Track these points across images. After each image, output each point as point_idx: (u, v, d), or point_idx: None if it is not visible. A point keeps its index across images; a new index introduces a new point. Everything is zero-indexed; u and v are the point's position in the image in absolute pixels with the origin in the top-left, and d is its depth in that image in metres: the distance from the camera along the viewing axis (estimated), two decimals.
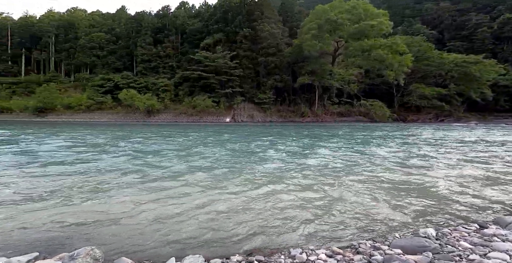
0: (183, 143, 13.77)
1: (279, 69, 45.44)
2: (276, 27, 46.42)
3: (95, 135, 17.84)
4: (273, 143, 13.51)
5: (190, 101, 43.28)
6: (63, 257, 2.47)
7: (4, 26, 60.64)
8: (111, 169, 7.22)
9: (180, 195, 4.88)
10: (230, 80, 43.79)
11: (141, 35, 52.10)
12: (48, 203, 4.52)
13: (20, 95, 50.61)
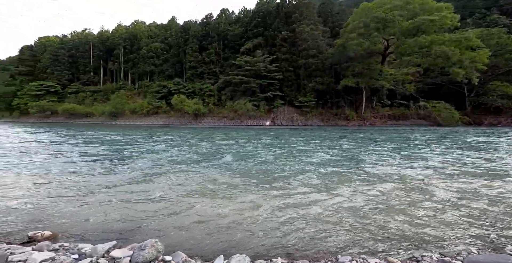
0: (259, 145, 13.59)
1: (320, 71, 40.58)
2: (316, 28, 41.21)
3: (180, 137, 18.27)
4: (371, 148, 12.37)
5: (232, 105, 42.72)
6: (134, 247, 2.62)
7: (87, 41, 66.84)
8: (221, 173, 6.94)
9: (233, 195, 4.79)
10: (270, 84, 41.37)
11: (188, 43, 52.10)
12: (127, 196, 4.85)
13: (99, 101, 55.87)
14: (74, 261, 2.53)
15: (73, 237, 3.35)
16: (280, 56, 42.78)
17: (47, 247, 2.84)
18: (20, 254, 2.64)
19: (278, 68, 41.43)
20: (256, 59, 41.39)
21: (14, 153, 10.84)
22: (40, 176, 6.68)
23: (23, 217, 4.01)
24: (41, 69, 65.88)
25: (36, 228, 3.55)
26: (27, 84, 62.33)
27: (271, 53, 43.18)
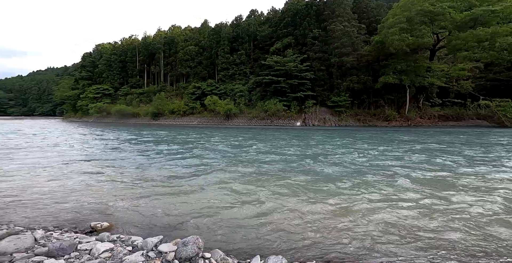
0: (298, 146, 13.09)
1: (356, 70, 36.39)
2: (350, 25, 36.78)
3: (230, 137, 18.11)
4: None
5: (262, 105, 41.51)
6: (178, 242, 2.61)
7: (133, 47, 69.33)
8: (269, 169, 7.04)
9: (273, 197, 4.62)
10: (301, 84, 38.33)
11: (220, 45, 51.08)
12: (175, 192, 5.01)
13: (144, 103, 58.27)
14: (128, 253, 2.58)
15: (125, 229, 3.46)
16: (311, 55, 39.43)
17: (107, 238, 2.94)
18: (86, 243, 2.73)
19: (310, 68, 38.22)
20: (287, 59, 38.79)
21: (79, 146, 12.05)
22: (100, 168, 7.35)
23: (84, 207, 4.28)
24: (98, 74, 70.66)
25: (95, 219, 3.75)
26: (87, 87, 67.63)
27: (302, 53, 40.03)
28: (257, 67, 45.24)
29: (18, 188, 5.25)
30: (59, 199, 4.64)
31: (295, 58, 38.94)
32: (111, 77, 68.44)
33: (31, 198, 4.67)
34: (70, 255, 2.49)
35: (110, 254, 2.54)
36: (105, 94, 65.71)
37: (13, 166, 7.41)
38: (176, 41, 65.85)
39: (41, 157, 9.03)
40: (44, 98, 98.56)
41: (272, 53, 42.64)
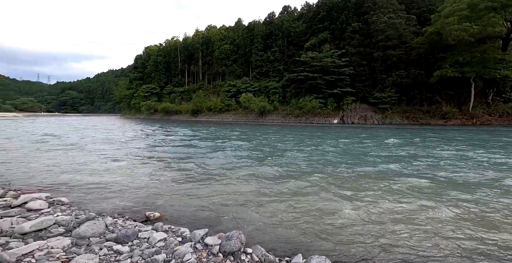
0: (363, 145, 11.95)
1: (404, 63, 31.50)
2: (395, 16, 31.79)
3: (278, 134, 17.76)
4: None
5: (297, 102, 39.10)
6: (221, 236, 2.60)
7: (175, 48, 70.98)
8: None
9: (319, 196, 4.40)
10: (339, 80, 34.72)
11: (254, 43, 49.36)
12: (219, 186, 5.00)
13: (185, 100, 60.19)
14: (178, 243, 2.61)
15: (173, 220, 3.48)
16: (350, 50, 35.26)
17: (160, 228, 2.99)
18: (144, 232, 2.81)
19: (348, 63, 34.34)
20: (323, 55, 35.32)
21: (134, 141, 12.65)
22: (153, 160, 7.73)
23: (140, 197, 4.44)
24: (148, 74, 74.08)
25: (147, 209, 3.84)
26: (139, 87, 71.55)
27: (339, 48, 36.07)
28: (291, 64, 42.50)
29: (93, 179, 5.67)
30: (121, 189, 4.92)
31: (332, 53, 35.25)
32: (158, 77, 71.25)
33: (99, 187, 5.04)
34: (132, 242, 2.58)
35: (164, 243, 2.60)
36: (153, 93, 69.43)
37: (92, 158, 8.16)
38: (212, 40, 65.72)
39: (114, 150, 10.04)
40: (107, 97, 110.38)
41: (307, 49, 39.34)
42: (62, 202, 3.97)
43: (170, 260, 2.27)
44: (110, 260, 2.25)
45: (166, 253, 2.37)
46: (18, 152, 9.02)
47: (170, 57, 71.44)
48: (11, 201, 3.77)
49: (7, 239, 2.55)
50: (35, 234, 2.68)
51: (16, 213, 3.29)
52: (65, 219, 2.99)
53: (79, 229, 2.73)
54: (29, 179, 5.59)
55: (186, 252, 2.36)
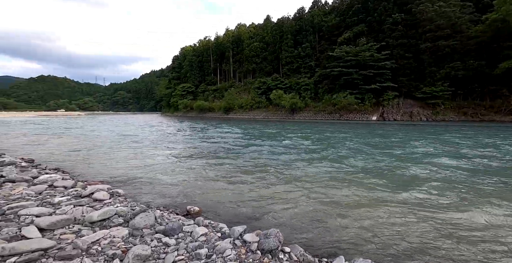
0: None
1: (459, 54, 26.75)
2: (446, 5, 27.14)
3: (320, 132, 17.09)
4: None
5: (330, 99, 36.42)
6: (259, 234, 2.53)
7: (208, 48, 70.93)
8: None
9: (365, 197, 4.06)
10: (378, 74, 31.13)
11: (283, 39, 46.99)
12: (259, 184, 4.78)
13: (217, 98, 60.46)
14: (218, 239, 2.57)
15: (210, 215, 3.43)
16: (391, 43, 31.18)
17: (202, 222, 2.96)
18: (187, 226, 2.82)
19: (389, 56, 30.36)
20: (359, 49, 31.81)
21: (173, 139, 12.77)
22: (196, 157, 7.77)
23: (181, 191, 4.50)
24: (184, 74, 75.55)
25: (188, 203, 3.86)
26: (177, 86, 73.32)
27: (378, 41, 32.13)
28: (324, 59, 39.43)
29: (142, 173, 5.82)
30: (165, 183, 5.01)
31: (370, 46, 31.48)
32: (193, 77, 72.33)
33: (147, 181, 5.15)
34: (178, 235, 2.60)
35: (205, 238, 2.57)
36: (189, 91, 71.11)
37: (143, 154, 8.45)
38: (242, 39, 64.60)
39: (163, 146, 10.26)
40: (150, 96, 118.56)
41: (341, 43, 35.92)
42: (119, 193, 4.09)
43: (211, 255, 2.25)
44: (159, 252, 2.27)
45: (208, 248, 2.35)
46: (81, 147, 9.51)
47: (203, 57, 71.78)
48: (81, 191, 3.96)
49: (80, 227, 2.69)
50: (100, 223, 2.80)
51: (85, 202, 3.47)
52: (123, 210, 3.06)
53: (134, 220, 2.78)
54: (92, 172, 5.98)
55: (226, 248, 2.32)
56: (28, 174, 4.91)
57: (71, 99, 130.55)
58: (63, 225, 2.69)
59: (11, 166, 5.54)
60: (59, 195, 3.79)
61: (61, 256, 2.12)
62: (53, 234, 2.53)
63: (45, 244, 2.24)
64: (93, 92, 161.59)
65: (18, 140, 12.23)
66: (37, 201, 3.44)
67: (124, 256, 2.14)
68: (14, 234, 2.45)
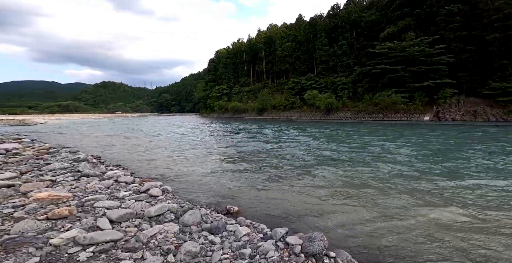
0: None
1: None
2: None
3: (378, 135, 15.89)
4: None
5: (371, 98, 33.44)
6: (303, 237, 2.47)
7: (241, 49, 70.96)
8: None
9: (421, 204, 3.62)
10: (431, 70, 27.28)
11: (317, 38, 44.47)
12: (302, 186, 4.61)
13: (251, 99, 60.06)
14: (260, 239, 2.52)
15: (249, 215, 3.31)
16: (447, 36, 26.96)
17: (243, 222, 2.95)
18: (230, 225, 2.79)
19: (445, 50, 26.22)
20: (406, 44, 28.23)
21: (213, 139, 13.18)
22: (236, 157, 7.73)
23: (220, 190, 4.51)
24: (219, 76, 74.62)
25: (227, 202, 3.84)
26: (213, 88, 75.14)
27: (429, 34, 28.08)
28: (363, 56, 36.19)
29: (186, 171, 6.03)
30: (207, 181, 5.03)
31: (421, 41, 27.61)
32: (227, 78, 73.28)
33: (190, 179, 5.30)
34: (222, 234, 2.57)
35: (247, 238, 2.55)
36: (224, 93, 72.60)
37: (187, 155, 8.68)
38: (274, 39, 63.51)
39: (205, 146, 10.57)
40: (189, 98, 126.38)
41: (383, 39, 32.47)
42: (168, 190, 4.13)
43: (255, 255, 2.22)
44: (206, 249, 2.28)
45: (251, 248, 2.32)
46: (136, 145, 10.44)
47: (236, 59, 72.07)
48: (139, 187, 4.11)
49: (140, 221, 2.76)
50: (156, 218, 2.85)
51: (143, 198, 3.55)
52: (174, 207, 3.10)
53: (184, 217, 2.81)
54: (144, 168, 6.33)
55: (269, 249, 2.28)
56: (98, 170, 5.26)
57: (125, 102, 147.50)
58: (128, 218, 2.78)
59: (85, 162, 5.97)
60: (122, 190, 3.95)
61: (127, 248, 2.18)
62: (120, 226, 2.62)
63: (116, 236, 2.33)
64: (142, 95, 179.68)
65: (86, 139, 13.94)
66: (106, 195, 3.62)
67: (176, 252, 2.17)
68: (91, 225, 2.58)
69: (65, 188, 3.93)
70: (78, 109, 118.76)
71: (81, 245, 2.19)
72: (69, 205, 3.09)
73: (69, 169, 5.24)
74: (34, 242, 2.19)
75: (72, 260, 2.01)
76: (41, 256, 2.03)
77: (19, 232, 2.39)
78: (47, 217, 2.74)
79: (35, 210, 2.98)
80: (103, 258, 2.05)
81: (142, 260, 2.03)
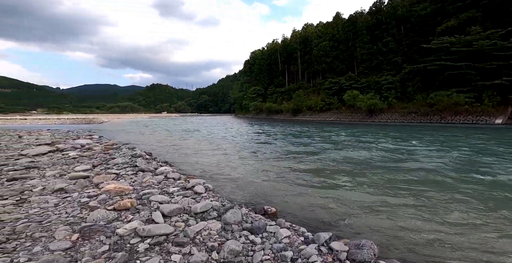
0: None
1: None
2: None
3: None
4: None
5: (425, 98, 29.55)
6: (349, 244, 2.33)
7: (276, 50, 69.89)
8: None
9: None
10: (505, 66, 22.88)
11: (358, 36, 41.38)
12: (346, 191, 4.34)
13: (285, 100, 59.05)
14: (301, 243, 2.43)
15: (288, 217, 3.23)
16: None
17: (284, 224, 2.84)
18: (270, 226, 2.70)
19: None
20: (473, 37, 24.06)
21: (250, 140, 13.11)
22: (275, 158, 7.56)
23: (257, 190, 4.40)
24: (254, 77, 74.20)
25: (265, 203, 3.74)
26: (248, 89, 75.93)
27: (500, 26, 23.42)
28: (414, 53, 32.24)
29: (225, 171, 6.02)
30: (245, 181, 4.94)
31: (491, 33, 23.20)
32: (262, 79, 72.78)
33: (229, 178, 5.26)
34: (262, 235, 2.52)
35: (288, 240, 2.47)
36: (259, 94, 72.51)
37: (228, 155, 8.64)
38: (310, 39, 61.08)
39: (245, 147, 10.54)
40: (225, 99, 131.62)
41: (440, 34, 28.26)
42: (209, 188, 4.15)
43: (296, 258, 2.14)
44: (248, 249, 2.24)
45: (293, 251, 2.25)
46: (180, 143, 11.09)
47: (271, 60, 71.17)
48: (185, 184, 4.16)
49: (187, 217, 2.80)
50: (201, 215, 2.86)
51: (189, 194, 3.62)
52: (217, 205, 3.10)
53: (226, 216, 2.79)
54: (185, 166, 6.50)
55: (312, 254, 2.17)
56: (151, 166, 5.43)
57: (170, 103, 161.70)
58: (177, 213, 2.82)
59: (140, 158, 6.16)
60: (171, 186, 4.02)
61: (177, 242, 2.20)
62: (170, 220, 2.65)
63: (168, 230, 2.37)
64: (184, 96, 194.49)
65: (140, 136, 15.13)
66: (159, 190, 3.70)
67: (220, 249, 2.15)
68: (147, 217, 2.66)
69: (126, 181, 4.16)
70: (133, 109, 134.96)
71: (140, 236, 2.27)
72: (130, 198, 3.24)
73: (128, 163, 5.52)
74: (105, 230, 2.31)
75: (133, 251, 2.07)
76: (109, 245, 2.13)
77: (93, 220, 2.55)
78: (114, 207, 2.89)
79: (105, 200, 3.18)
80: (156, 251, 2.09)
81: (189, 255, 2.05)
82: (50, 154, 6.91)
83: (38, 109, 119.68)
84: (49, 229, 2.38)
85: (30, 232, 2.32)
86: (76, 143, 8.82)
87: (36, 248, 2.04)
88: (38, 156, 6.49)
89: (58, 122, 34.39)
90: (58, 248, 2.04)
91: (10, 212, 2.83)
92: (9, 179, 4.22)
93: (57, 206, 3.07)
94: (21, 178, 4.29)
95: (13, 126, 24.36)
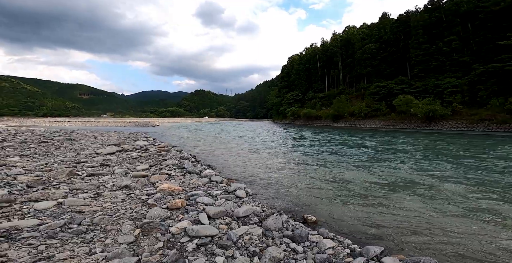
0: None
1: None
2: None
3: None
4: None
5: (502, 103, 24.67)
6: (403, 259, 2.18)
7: (314, 54, 66.92)
8: None
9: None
10: None
11: (411, 36, 37.59)
12: (389, 201, 4.12)
13: (325, 106, 56.19)
14: (347, 255, 2.29)
15: (329, 227, 3.13)
16: None
17: (327, 234, 2.74)
18: (312, 235, 2.61)
19: None
20: None
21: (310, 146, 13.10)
22: (316, 166, 7.36)
23: (297, 198, 4.34)
24: (291, 82, 73.38)
25: (304, 211, 3.64)
26: (285, 95, 71.67)
27: None
28: (485, 52, 27.55)
29: (265, 176, 6.05)
30: (284, 188, 4.92)
31: None
32: (300, 84, 71.36)
33: (269, 184, 5.24)
34: (304, 244, 2.46)
35: (332, 252, 2.34)
36: (296, 99, 70.00)
37: (270, 160, 8.73)
38: (352, 41, 58.25)
39: (285, 153, 10.48)
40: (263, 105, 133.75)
41: None
42: (249, 193, 4.16)
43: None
44: (289, 257, 2.18)
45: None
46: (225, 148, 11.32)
47: (310, 64, 69.73)
48: (227, 187, 4.24)
49: (230, 220, 2.81)
50: (242, 219, 2.85)
51: (232, 198, 3.65)
52: (258, 210, 3.08)
53: (267, 222, 2.76)
54: (226, 169, 6.70)
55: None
56: (197, 168, 5.53)
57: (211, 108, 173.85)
58: (220, 216, 2.84)
59: (187, 160, 6.33)
60: (215, 188, 4.09)
61: (220, 244, 2.21)
62: (214, 222, 2.67)
63: (213, 231, 2.39)
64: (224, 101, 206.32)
65: (186, 140, 15.77)
66: (204, 192, 3.77)
67: (261, 255, 2.11)
68: (195, 218, 2.70)
69: (176, 182, 4.33)
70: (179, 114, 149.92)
71: (188, 236, 2.31)
72: (180, 198, 3.36)
73: (177, 165, 5.75)
74: (160, 228, 2.38)
75: (182, 250, 2.11)
76: (164, 242, 2.19)
77: (151, 217, 2.65)
78: (167, 206, 3.00)
79: (160, 199, 3.32)
80: (202, 251, 2.12)
81: (232, 258, 2.04)
82: (118, 153, 7.57)
83: (107, 113, 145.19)
84: (117, 223, 2.57)
85: (104, 224, 2.51)
86: (136, 144, 9.55)
87: (107, 240, 2.19)
88: (108, 155, 7.21)
89: (122, 124, 40.48)
90: (124, 241, 2.18)
91: (89, 204, 3.11)
92: (88, 174, 4.70)
93: (123, 201, 3.30)
94: (97, 174, 4.74)
95: (89, 128, 28.17)
